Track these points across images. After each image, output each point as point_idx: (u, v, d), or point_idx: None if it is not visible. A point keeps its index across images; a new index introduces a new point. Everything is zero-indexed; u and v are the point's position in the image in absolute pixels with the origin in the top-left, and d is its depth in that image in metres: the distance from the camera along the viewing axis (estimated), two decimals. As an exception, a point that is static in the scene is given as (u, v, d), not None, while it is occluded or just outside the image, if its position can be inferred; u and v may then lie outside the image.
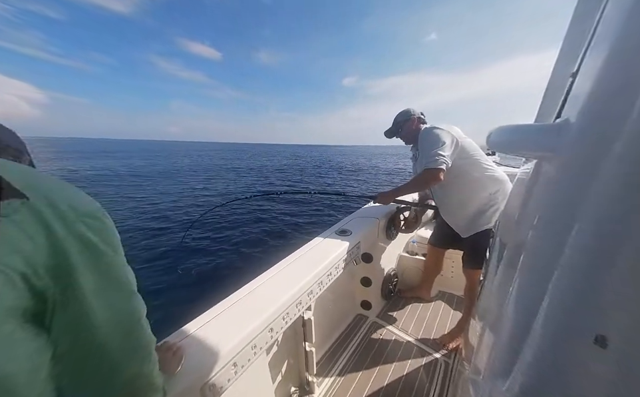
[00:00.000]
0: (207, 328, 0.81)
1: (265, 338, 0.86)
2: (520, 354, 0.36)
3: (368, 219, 1.70)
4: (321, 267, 1.14)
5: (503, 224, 0.74)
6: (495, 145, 0.59)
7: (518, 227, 0.53)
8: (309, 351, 1.23)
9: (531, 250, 0.42)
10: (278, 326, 0.91)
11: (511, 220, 0.61)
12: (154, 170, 19.33)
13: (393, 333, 1.73)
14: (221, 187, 12.32)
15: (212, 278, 3.78)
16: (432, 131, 1.43)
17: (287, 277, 1.06)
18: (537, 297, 0.36)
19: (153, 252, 4.49)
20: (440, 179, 1.34)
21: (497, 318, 0.52)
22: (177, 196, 9.61)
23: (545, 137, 0.42)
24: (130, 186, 11.59)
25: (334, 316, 1.69)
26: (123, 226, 5.73)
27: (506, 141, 0.55)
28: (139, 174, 16.04)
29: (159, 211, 7.19)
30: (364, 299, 1.86)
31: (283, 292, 0.97)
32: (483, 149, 1.52)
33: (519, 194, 0.64)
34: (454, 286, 2.13)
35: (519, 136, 0.51)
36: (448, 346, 1.61)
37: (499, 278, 0.57)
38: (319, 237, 1.40)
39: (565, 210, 0.34)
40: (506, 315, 0.44)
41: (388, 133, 1.73)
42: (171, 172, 17.85)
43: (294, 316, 1.00)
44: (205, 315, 0.86)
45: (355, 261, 1.46)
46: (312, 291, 1.09)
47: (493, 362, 0.49)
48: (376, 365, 1.49)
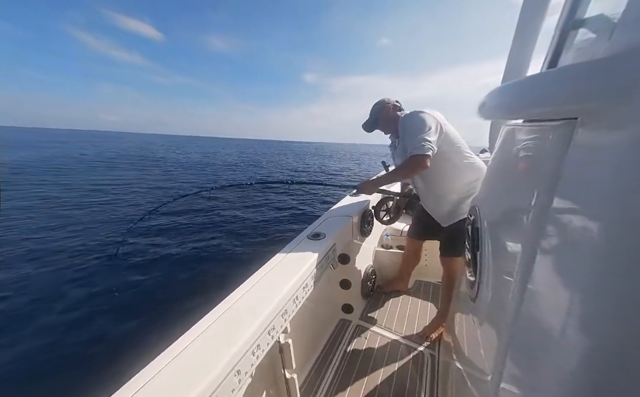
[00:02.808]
0: (149, 386, 0.60)
1: (230, 385, 0.68)
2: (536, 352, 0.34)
3: (341, 218, 1.59)
4: (295, 279, 0.98)
5: (491, 213, 0.65)
6: (499, 109, 0.48)
7: (540, 215, 0.41)
8: (290, 378, 1.07)
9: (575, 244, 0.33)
10: (247, 364, 0.74)
11: (507, 207, 0.53)
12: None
13: (378, 333, 1.65)
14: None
15: (144, 311, 2.92)
16: (417, 115, 1.35)
17: (253, 300, 0.87)
18: (562, 294, 0.31)
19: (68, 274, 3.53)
20: (426, 166, 1.27)
21: (501, 312, 0.44)
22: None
23: (614, 76, 0.27)
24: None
25: (315, 328, 1.55)
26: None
27: (526, 98, 0.42)
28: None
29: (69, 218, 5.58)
30: (345, 302, 1.76)
31: (249, 321, 0.78)
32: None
33: (513, 177, 0.55)
34: (429, 275, 2.15)
35: (558, 85, 0.36)
36: (431, 336, 1.60)
37: (515, 277, 0.48)
38: (287, 246, 1.24)
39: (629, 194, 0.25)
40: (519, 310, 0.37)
41: (366, 126, 1.63)
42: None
43: (267, 345, 0.83)
44: (144, 373, 0.63)
45: (332, 265, 1.33)
46: (286, 310, 0.93)
47: (501, 359, 0.41)
48: (365, 371, 1.40)
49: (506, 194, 0.57)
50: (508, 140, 0.63)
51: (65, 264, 3.90)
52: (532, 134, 0.49)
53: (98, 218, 6.00)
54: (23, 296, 3.17)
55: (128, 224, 5.19)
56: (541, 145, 0.46)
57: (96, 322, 2.80)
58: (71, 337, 2.60)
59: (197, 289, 3.29)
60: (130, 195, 8.59)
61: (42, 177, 11.03)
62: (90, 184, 10.01)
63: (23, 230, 5.07)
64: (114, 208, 6.94)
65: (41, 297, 3.16)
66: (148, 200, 8.07)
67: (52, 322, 2.78)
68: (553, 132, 0.41)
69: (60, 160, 18.18)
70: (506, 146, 0.65)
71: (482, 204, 0.69)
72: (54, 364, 2.31)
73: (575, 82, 0.33)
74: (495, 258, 0.49)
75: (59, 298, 3.16)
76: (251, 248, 4.77)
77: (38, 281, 3.49)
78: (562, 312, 0.31)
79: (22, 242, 4.57)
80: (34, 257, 4.07)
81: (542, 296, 0.36)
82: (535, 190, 0.43)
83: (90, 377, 2.11)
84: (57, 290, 3.30)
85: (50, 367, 2.28)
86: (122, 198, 8.10)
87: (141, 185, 10.42)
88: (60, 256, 4.13)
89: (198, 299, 2.94)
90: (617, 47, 0.30)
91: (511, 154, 0.60)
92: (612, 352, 0.25)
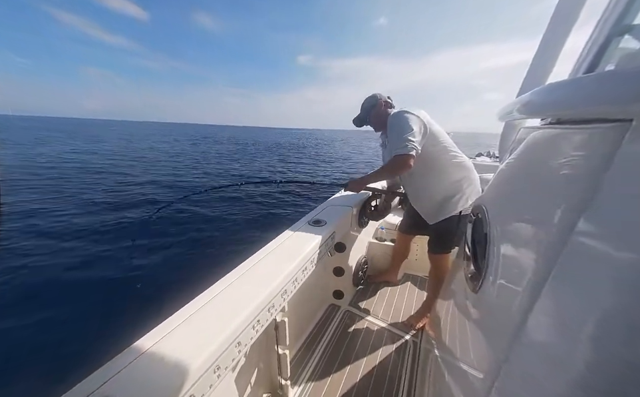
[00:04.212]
0: (158, 348, 0.64)
1: (231, 355, 0.73)
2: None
3: (342, 207, 1.63)
4: (296, 262, 1.03)
5: (504, 215, 0.62)
6: (550, 106, 0.46)
7: (575, 221, 0.36)
8: (282, 354, 1.13)
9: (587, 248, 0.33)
10: (247, 337, 0.79)
11: (523, 210, 0.53)
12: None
13: (365, 320, 1.74)
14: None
15: (162, 286, 3.18)
16: (402, 115, 1.37)
17: (256, 278, 0.92)
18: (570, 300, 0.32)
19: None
20: (410, 166, 1.31)
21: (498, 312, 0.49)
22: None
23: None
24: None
25: (307, 310, 1.62)
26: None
27: (588, 96, 0.38)
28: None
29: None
30: (336, 289, 1.83)
31: (252, 296, 0.83)
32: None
33: (538, 179, 0.51)
34: (418, 269, 2.24)
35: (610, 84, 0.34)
36: (415, 326, 1.69)
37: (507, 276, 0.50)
38: (290, 228, 1.28)
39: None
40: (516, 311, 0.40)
41: (357, 121, 1.65)
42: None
43: (266, 322, 0.88)
44: (155, 332, 0.69)
45: (330, 252, 1.39)
46: (286, 291, 0.98)
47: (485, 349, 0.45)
48: (350, 354, 1.48)
49: (524, 199, 0.55)
50: (531, 143, 0.61)
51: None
52: (567, 138, 0.46)
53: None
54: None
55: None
56: (579, 151, 0.42)
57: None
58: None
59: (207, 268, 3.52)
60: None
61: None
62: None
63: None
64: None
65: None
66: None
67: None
68: (599, 136, 0.37)
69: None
70: (528, 149, 0.62)
71: (491, 205, 0.67)
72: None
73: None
74: (504, 263, 0.50)
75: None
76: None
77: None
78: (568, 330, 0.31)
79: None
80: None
81: (550, 308, 0.36)
82: (564, 199, 0.40)
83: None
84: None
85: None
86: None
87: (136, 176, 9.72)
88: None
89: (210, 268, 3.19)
90: None
91: (533, 158, 0.58)
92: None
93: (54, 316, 2.71)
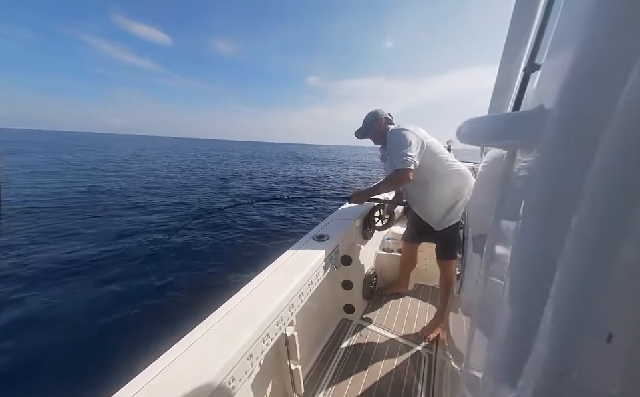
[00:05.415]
0: (174, 367, 0.69)
1: (244, 368, 0.77)
2: (526, 352, 0.36)
3: (344, 221, 1.68)
4: (301, 277, 1.08)
5: (475, 217, 0.75)
6: (468, 137, 0.58)
7: (497, 219, 0.52)
8: (295, 369, 1.15)
9: (520, 243, 0.41)
10: (258, 350, 0.83)
11: (485, 212, 0.61)
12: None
13: (378, 333, 1.73)
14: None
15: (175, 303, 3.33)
16: (400, 132, 1.47)
17: (264, 293, 0.97)
18: (530, 292, 0.36)
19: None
20: (409, 178, 1.39)
21: (487, 314, 0.52)
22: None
23: (525, 125, 0.41)
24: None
25: (318, 326, 1.63)
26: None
27: (481, 132, 0.55)
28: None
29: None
30: (347, 303, 1.84)
31: (260, 310, 0.88)
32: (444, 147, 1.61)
33: (488, 186, 0.65)
34: (429, 278, 2.21)
35: (495, 126, 0.51)
36: (429, 337, 1.66)
37: (482, 273, 0.57)
38: (295, 245, 1.33)
39: (558, 202, 0.33)
40: (500, 311, 0.43)
41: (358, 133, 1.74)
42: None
43: (275, 335, 0.92)
44: (170, 352, 0.74)
45: (335, 266, 1.42)
46: (293, 304, 1.02)
47: (491, 359, 0.48)
48: (365, 368, 1.47)
49: (484, 202, 0.66)
50: (487, 157, 0.74)
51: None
52: (496, 155, 0.61)
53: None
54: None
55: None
56: (499, 164, 0.57)
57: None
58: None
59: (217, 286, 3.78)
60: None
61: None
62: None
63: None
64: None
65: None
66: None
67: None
68: (505, 155, 0.52)
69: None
70: (486, 162, 0.76)
71: (470, 209, 0.79)
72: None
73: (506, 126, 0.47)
74: (470, 257, 0.59)
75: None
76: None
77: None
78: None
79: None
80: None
81: (493, 283, 0.45)
82: (494, 203, 0.53)
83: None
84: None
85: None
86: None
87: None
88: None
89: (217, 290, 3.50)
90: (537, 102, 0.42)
91: (487, 169, 0.71)
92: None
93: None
